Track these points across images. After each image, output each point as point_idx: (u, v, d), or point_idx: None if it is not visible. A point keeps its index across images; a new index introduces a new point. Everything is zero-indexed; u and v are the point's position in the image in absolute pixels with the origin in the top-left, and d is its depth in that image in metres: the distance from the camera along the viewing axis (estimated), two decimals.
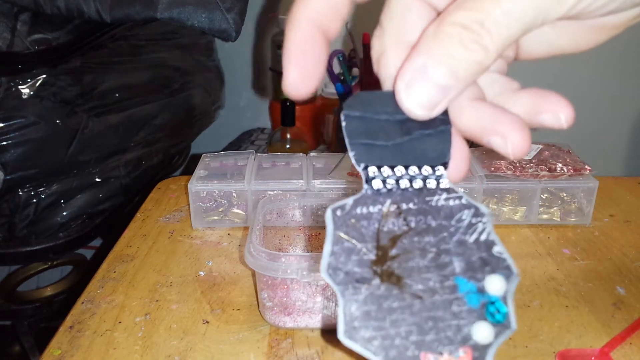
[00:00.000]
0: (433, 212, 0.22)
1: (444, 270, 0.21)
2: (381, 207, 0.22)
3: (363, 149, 0.22)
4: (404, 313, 0.20)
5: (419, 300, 0.20)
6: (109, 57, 0.84)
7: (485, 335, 0.21)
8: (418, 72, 0.21)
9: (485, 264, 0.21)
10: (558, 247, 0.54)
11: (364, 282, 0.20)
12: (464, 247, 0.21)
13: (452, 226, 0.22)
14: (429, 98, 0.21)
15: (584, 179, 0.56)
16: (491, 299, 0.21)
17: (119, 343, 0.41)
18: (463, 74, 0.21)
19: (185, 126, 1.00)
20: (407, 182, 0.22)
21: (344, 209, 0.21)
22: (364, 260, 0.21)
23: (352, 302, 0.20)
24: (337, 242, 0.21)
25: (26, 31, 0.75)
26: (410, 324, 0.20)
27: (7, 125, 0.71)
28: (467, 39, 0.20)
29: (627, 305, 0.45)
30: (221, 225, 0.58)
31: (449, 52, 0.20)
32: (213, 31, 0.89)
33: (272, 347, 0.40)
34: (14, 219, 0.77)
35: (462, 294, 0.21)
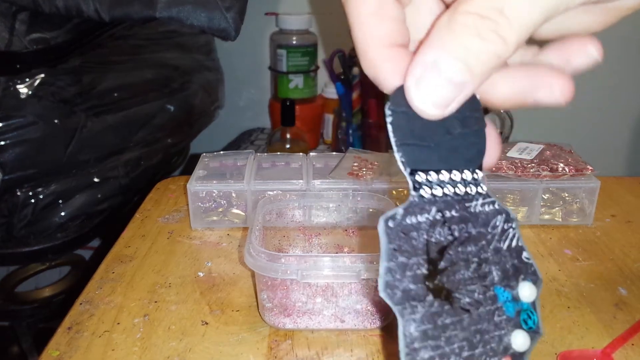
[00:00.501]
0: (472, 219, 0.22)
1: (485, 281, 0.21)
2: (428, 216, 0.21)
3: (410, 151, 0.21)
4: (456, 329, 0.20)
5: (467, 314, 0.20)
6: (108, 56, 0.83)
7: (522, 342, 0.21)
8: (429, 67, 0.19)
9: (518, 272, 0.21)
10: (560, 247, 0.53)
11: (419, 300, 0.20)
12: (500, 254, 0.21)
13: (489, 233, 0.21)
14: (442, 96, 0.19)
15: (585, 179, 0.56)
16: (524, 307, 0.21)
17: (118, 344, 0.40)
18: (479, 69, 0.19)
19: (184, 126, 0.99)
20: (450, 189, 0.21)
21: (395, 220, 0.20)
22: (417, 276, 0.20)
23: (411, 322, 0.19)
24: (392, 258, 0.20)
25: (25, 30, 0.75)
26: (461, 339, 0.20)
27: (5, 125, 0.70)
28: (484, 28, 0.18)
29: (629, 305, 0.45)
30: (220, 226, 0.57)
31: (464, 45, 0.19)
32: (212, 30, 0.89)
33: (272, 349, 0.40)
34: (13, 219, 0.77)
35: (501, 303, 0.21)
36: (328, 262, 0.39)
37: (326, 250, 0.51)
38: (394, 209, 0.21)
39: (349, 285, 0.40)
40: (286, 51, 1.08)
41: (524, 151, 0.59)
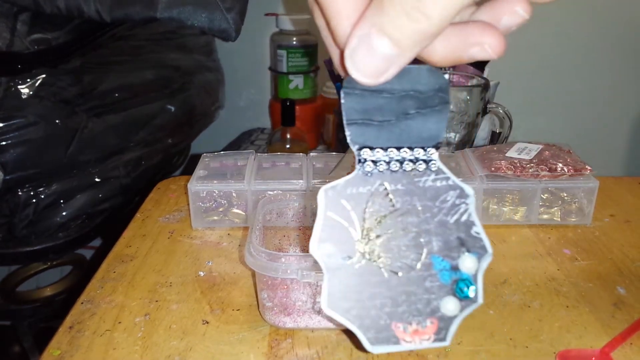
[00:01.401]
0: (419, 193, 0.23)
1: (422, 249, 0.23)
2: (370, 188, 0.23)
3: (358, 129, 0.23)
4: (381, 287, 0.22)
5: (396, 276, 0.22)
6: (109, 57, 0.83)
7: (451, 308, 0.23)
8: (362, 41, 0.21)
9: (462, 244, 0.23)
10: (558, 247, 0.54)
11: (348, 259, 0.22)
12: (445, 227, 0.23)
13: (436, 207, 0.23)
14: (374, 67, 0.21)
15: (584, 179, 0.56)
16: (462, 276, 0.23)
17: (119, 343, 0.40)
18: (406, 43, 0.20)
19: (185, 126, 1.00)
20: (397, 165, 0.23)
21: (335, 189, 0.22)
22: (350, 238, 0.22)
23: (336, 276, 0.22)
24: (327, 221, 0.22)
25: (26, 31, 0.75)
26: (385, 297, 0.22)
27: (6, 125, 0.71)
28: (409, 6, 0.19)
29: (627, 305, 0.45)
30: (221, 225, 0.58)
31: (392, 21, 0.20)
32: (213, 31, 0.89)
33: (272, 348, 0.40)
34: (14, 219, 0.77)
35: (436, 271, 0.22)
36: None
37: None
38: (336, 181, 0.22)
39: None
40: (286, 52, 1.08)
41: (522, 151, 0.59)
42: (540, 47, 1.13)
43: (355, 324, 0.21)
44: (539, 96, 1.18)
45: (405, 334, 0.22)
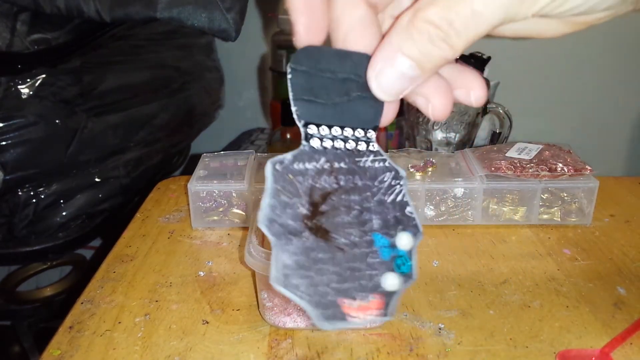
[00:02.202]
0: (360, 172, 0.24)
1: (364, 226, 0.23)
2: (316, 165, 0.23)
3: (305, 106, 0.24)
4: (328, 263, 0.22)
5: (341, 252, 0.23)
6: (109, 57, 0.83)
7: (392, 283, 0.23)
8: (388, 62, 0.22)
9: (398, 223, 0.24)
10: (558, 247, 0.54)
11: (296, 235, 0.22)
12: (383, 206, 0.24)
13: (375, 187, 0.24)
14: (396, 86, 0.23)
15: (584, 179, 0.56)
16: (399, 253, 0.24)
17: (119, 343, 0.40)
18: (429, 67, 0.22)
19: (185, 126, 1.00)
20: (341, 143, 0.24)
21: (283, 164, 0.23)
22: (297, 214, 0.23)
23: (284, 252, 0.22)
24: (275, 196, 0.22)
25: (26, 31, 0.75)
26: (332, 273, 0.22)
27: (6, 125, 0.71)
28: (435, 36, 0.21)
29: (627, 305, 0.45)
30: (221, 226, 0.58)
31: (418, 47, 0.21)
32: (213, 31, 0.89)
33: (272, 348, 0.40)
34: (14, 219, 0.77)
35: (377, 247, 0.23)
36: None
37: None
38: (283, 155, 0.23)
39: None
40: (286, 52, 1.08)
41: (522, 151, 0.59)
42: (540, 47, 1.13)
43: (304, 300, 0.22)
44: (539, 96, 1.18)
45: (350, 309, 0.22)
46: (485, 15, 0.20)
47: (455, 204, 0.57)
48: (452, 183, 0.56)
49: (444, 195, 0.57)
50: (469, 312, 0.44)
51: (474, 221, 0.57)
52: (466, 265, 0.50)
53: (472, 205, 0.57)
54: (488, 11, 0.20)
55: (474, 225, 0.57)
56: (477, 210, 0.57)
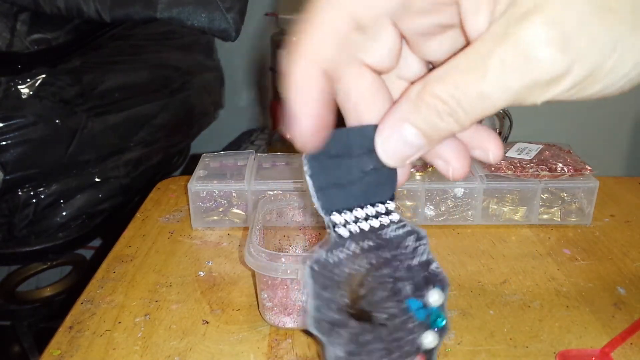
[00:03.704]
0: (387, 244, 0.24)
1: (400, 296, 0.24)
2: (348, 251, 0.24)
3: (326, 195, 0.24)
4: (376, 342, 0.23)
5: (384, 327, 0.23)
6: (109, 57, 0.83)
7: (430, 341, 0.24)
8: (395, 130, 0.23)
9: (427, 282, 0.24)
10: (558, 247, 0.54)
11: (343, 326, 0.23)
12: (412, 270, 0.24)
13: (402, 254, 0.25)
14: (402, 153, 0.23)
15: (584, 179, 0.56)
16: (433, 310, 0.24)
17: (119, 343, 0.40)
18: (436, 138, 0.22)
19: (185, 126, 1.00)
20: (365, 224, 0.24)
21: (319, 262, 0.23)
22: (341, 306, 0.23)
23: (337, 346, 0.23)
24: (318, 297, 0.23)
25: (26, 31, 0.75)
26: (380, 349, 0.23)
27: (6, 125, 0.71)
28: (443, 111, 0.21)
29: (627, 305, 0.45)
30: (221, 225, 0.57)
31: (425, 119, 0.22)
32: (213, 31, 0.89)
33: (272, 348, 0.40)
34: (14, 219, 0.77)
35: (412, 312, 0.24)
36: None
37: None
38: (316, 253, 0.23)
39: None
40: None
41: (523, 151, 0.59)
42: None
43: None
44: None
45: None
46: (493, 99, 0.20)
47: (455, 204, 0.57)
48: (452, 183, 0.56)
49: (444, 195, 0.57)
50: (469, 312, 0.44)
51: (474, 221, 0.57)
52: (466, 265, 0.50)
53: (472, 205, 0.57)
54: (496, 95, 0.20)
55: (474, 225, 0.57)
56: (477, 210, 0.57)
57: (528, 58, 0.19)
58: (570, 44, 0.19)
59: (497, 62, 0.20)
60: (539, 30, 0.19)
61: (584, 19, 0.18)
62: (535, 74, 0.19)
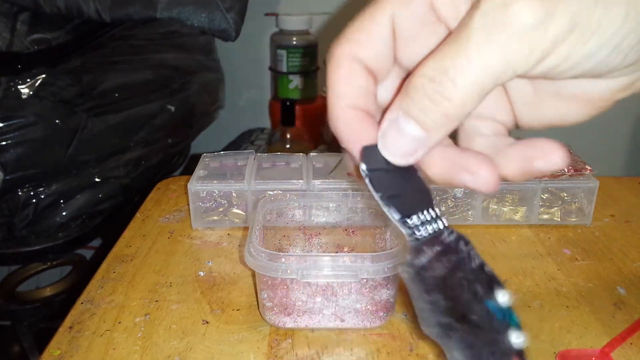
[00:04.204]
0: (449, 249, 0.24)
1: (477, 297, 0.24)
2: (426, 254, 0.24)
3: (396, 202, 0.24)
4: (481, 345, 0.23)
5: (480, 329, 0.23)
6: (109, 57, 0.83)
7: (516, 339, 0.23)
8: (392, 123, 0.22)
9: (490, 283, 0.24)
10: (558, 247, 0.54)
11: (452, 329, 0.23)
12: (475, 273, 0.24)
13: (462, 258, 0.24)
14: (403, 147, 0.22)
15: (584, 179, 0.56)
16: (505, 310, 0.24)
17: (119, 343, 0.40)
18: (431, 125, 0.21)
19: (185, 126, 0.99)
20: (430, 228, 0.24)
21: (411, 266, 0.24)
22: (443, 309, 0.23)
23: (453, 350, 0.23)
24: (419, 299, 0.23)
25: (26, 31, 0.75)
26: (487, 352, 0.23)
27: (6, 125, 0.71)
28: (431, 90, 0.20)
29: (627, 305, 0.45)
30: (221, 225, 0.57)
31: (417, 105, 0.21)
32: (213, 31, 0.89)
33: (272, 348, 0.40)
34: (14, 219, 0.77)
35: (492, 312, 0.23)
36: (328, 261, 0.39)
37: (326, 250, 0.51)
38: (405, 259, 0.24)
39: (348, 284, 0.40)
40: (286, 51, 1.08)
41: None
42: None
43: None
44: None
45: None
46: (481, 62, 0.19)
47: (455, 204, 0.57)
48: None
49: (444, 195, 0.57)
50: None
51: (474, 221, 0.57)
52: None
53: (472, 205, 0.57)
54: (484, 58, 0.19)
55: (474, 225, 0.57)
56: (477, 210, 0.57)
57: (506, 14, 0.19)
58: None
59: (478, 26, 0.19)
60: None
61: None
62: (515, 28, 0.19)
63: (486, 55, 0.19)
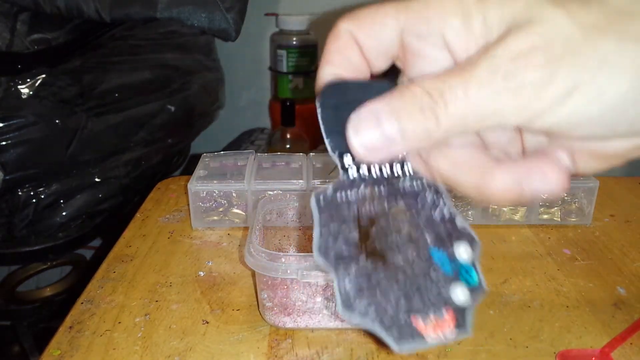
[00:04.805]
0: (401, 193, 0.24)
1: (418, 243, 0.23)
2: (357, 192, 0.24)
3: (337, 138, 0.24)
4: (391, 284, 0.22)
5: (401, 271, 0.23)
6: (109, 57, 0.83)
7: (461, 296, 0.23)
8: (372, 114, 0.22)
9: (451, 235, 0.24)
10: (558, 247, 0.54)
11: (352, 260, 0.22)
12: (431, 222, 0.24)
13: (418, 204, 0.24)
14: (372, 141, 0.22)
15: (584, 179, 0.56)
16: (462, 266, 0.23)
17: (119, 343, 0.40)
18: (410, 135, 0.21)
19: (185, 126, 0.99)
20: (377, 170, 0.24)
21: (326, 195, 0.23)
22: (349, 240, 0.23)
23: (345, 278, 0.22)
24: (324, 225, 0.23)
25: (26, 31, 0.75)
26: (397, 291, 0.22)
27: (6, 125, 0.71)
28: (424, 103, 0.21)
29: (627, 305, 0.45)
30: (221, 226, 0.57)
31: (405, 109, 0.21)
32: (213, 31, 0.89)
33: (272, 348, 0.40)
34: (14, 219, 0.77)
35: (436, 262, 0.23)
36: None
37: None
38: (324, 187, 0.23)
39: None
40: (286, 52, 1.08)
41: None
42: None
43: (376, 323, 0.21)
44: None
45: (426, 328, 0.22)
46: (476, 101, 0.20)
47: (455, 203, 0.57)
48: None
49: None
50: None
51: (474, 221, 0.57)
52: None
53: (472, 205, 0.57)
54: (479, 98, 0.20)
55: (474, 225, 0.57)
56: (477, 210, 0.57)
57: (511, 65, 0.19)
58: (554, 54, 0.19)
59: (484, 66, 0.20)
60: (526, 39, 0.19)
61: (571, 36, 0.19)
62: (514, 83, 0.19)
63: (479, 96, 0.20)
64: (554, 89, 0.19)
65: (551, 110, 0.20)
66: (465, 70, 0.20)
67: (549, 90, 0.19)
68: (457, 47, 0.22)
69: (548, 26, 0.19)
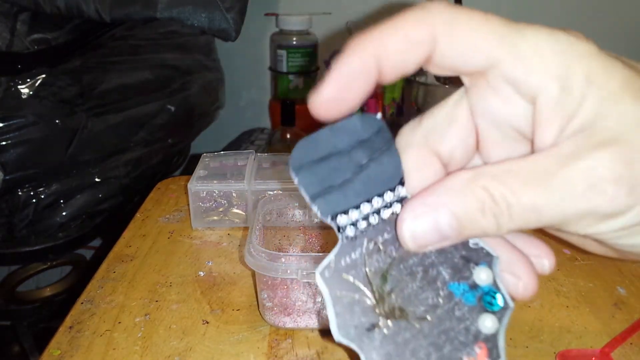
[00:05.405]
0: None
1: (436, 283, 0.22)
2: (361, 250, 0.22)
3: (324, 201, 0.22)
4: (418, 339, 0.21)
5: (426, 321, 0.21)
6: (109, 57, 0.83)
7: (490, 325, 0.22)
8: (431, 211, 0.21)
9: (468, 261, 0.22)
10: (558, 247, 0.54)
11: (374, 328, 0.21)
12: (444, 254, 0.22)
13: None
14: (427, 239, 0.21)
15: None
16: (484, 290, 0.22)
17: (119, 343, 0.40)
18: (467, 233, 0.21)
19: (185, 126, 0.99)
20: (376, 217, 0.22)
21: (330, 268, 0.22)
22: (366, 308, 0.21)
23: (372, 351, 0.21)
24: (337, 302, 0.21)
25: (26, 31, 0.75)
26: (426, 346, 0.21)
27: (6, 125, 0.71)
28: (488, 208, 0.20)
29: (627, 305, 0.45)
30: (221, 226, 0.57)
31: (467, 210, 0.20)
32: (213, 31, 0.89)
33: (272, 348, 0.40)
34: (14, 219, 0.77)
35: (458, 297, 0.22)
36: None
37: (326, 250, 0.51)
38: (326, 259, 0.22)
39: None
40: (286, 51, 1.08)
41: None
42: None
43: None
44: None
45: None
46: (543, 215, 0.20)
47: None
48: None
49: None
50: None
51: None
52: None
53: None
54: (548, 213, 0.19)
55: None
56: None
57: (592, 187, 0.19)
58: (637, 188, 0.19)
59: (560, 182, 0.19)
60: (610, 164, 0.19)
61: None
62: (593, 205, 0.19)
63: (551, 213, 0.20)
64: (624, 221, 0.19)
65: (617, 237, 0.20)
66: (539, 180, 0.20)
67: (618, 219, 0.19)
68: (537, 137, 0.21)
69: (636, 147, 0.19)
